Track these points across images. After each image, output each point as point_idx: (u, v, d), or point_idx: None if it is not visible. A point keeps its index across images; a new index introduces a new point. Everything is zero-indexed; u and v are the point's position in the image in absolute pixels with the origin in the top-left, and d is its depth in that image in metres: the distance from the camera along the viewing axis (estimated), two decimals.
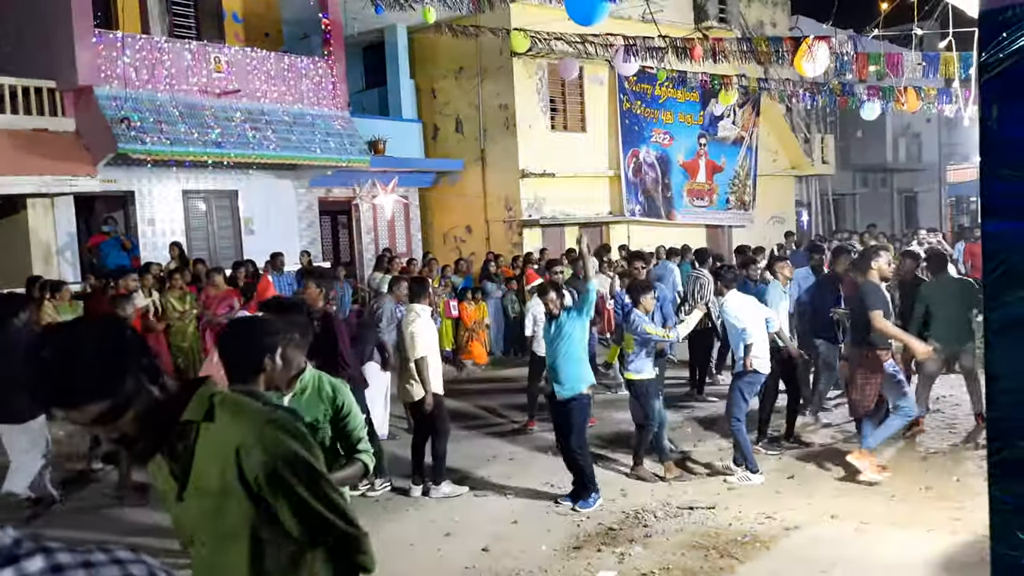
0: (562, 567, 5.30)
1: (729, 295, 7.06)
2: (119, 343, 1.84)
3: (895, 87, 15.01)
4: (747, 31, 20.28)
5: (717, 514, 6.08)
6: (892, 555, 5.17)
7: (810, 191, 26.34)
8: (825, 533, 5.62)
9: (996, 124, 2.13)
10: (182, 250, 12.70)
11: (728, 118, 20.22)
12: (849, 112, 20.13)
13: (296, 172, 14.91)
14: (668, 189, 19.32)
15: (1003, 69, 2.10)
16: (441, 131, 18.15)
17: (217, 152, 12.97)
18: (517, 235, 17.07)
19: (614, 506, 6.34)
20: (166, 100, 12.70)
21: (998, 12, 2.08)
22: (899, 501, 6.15)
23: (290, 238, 14.91)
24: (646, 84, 18.46)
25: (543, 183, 17.15)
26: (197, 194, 14.12)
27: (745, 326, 6.84)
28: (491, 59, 16.68)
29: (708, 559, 5.29)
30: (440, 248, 17.63)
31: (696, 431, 8.47)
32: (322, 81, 14.81)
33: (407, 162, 16.99)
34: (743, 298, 7.12)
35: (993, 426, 2.25)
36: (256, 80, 13.86)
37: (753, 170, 21.10)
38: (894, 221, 31.29)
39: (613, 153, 18.42)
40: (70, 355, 1.75)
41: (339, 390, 3.49)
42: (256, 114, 13.72)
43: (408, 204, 17.46)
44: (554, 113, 17.65)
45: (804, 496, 6.38)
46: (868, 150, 29.59)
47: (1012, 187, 2.09)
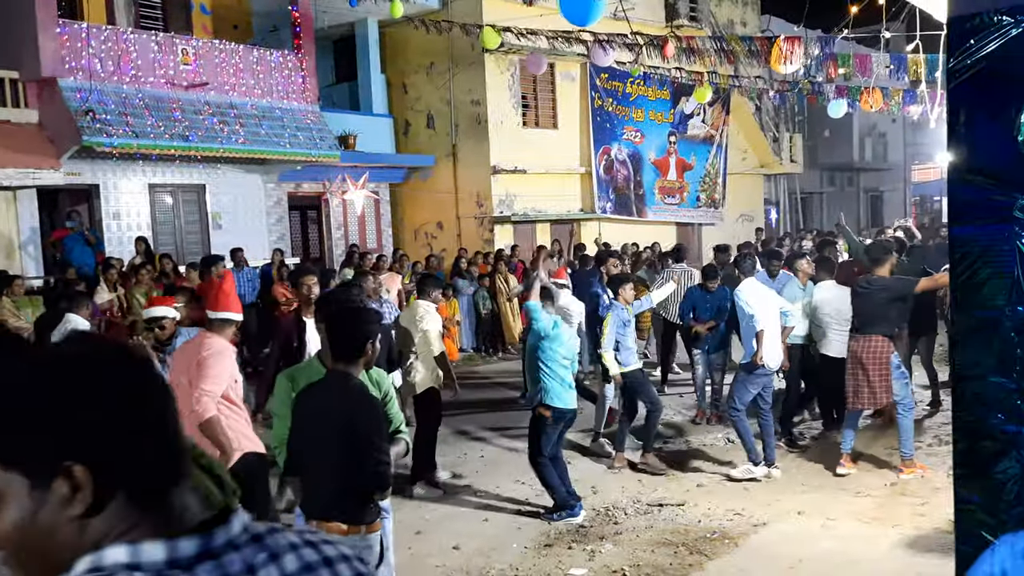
0: (533, 565, 5.30)
1: (745, 281, 7.07)
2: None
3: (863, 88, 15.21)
4: (717, 30, 20.41)
5: (687, 511, 6.13)
6: (857, 551, 5.25)
7: (779, 190, 26.62)
8: (792, 529, 5.68)
9: (964, 129, 2.16)
10: (148, 245, 12.52)
11: (698, 116, 20.37)
12: (817, 112, 20.40)
13: (265, 166, 14.76)
14: (640, 187, 19.40)
15: (971, 75, 2.13)
16: (412, 126, 18.06)
17: (184, 146, 12.79)
18: (488, 232, 17.05)
19: (585, 503, 6.34)
20: (132, 92, 12.50)
21: (966, 19, 2.11)
22: (864, 497, 6.24)
23: (259, 233, 14.76)
24: (617, 81, 18.53)
25: (515, 180, 17.14)
26: (164, 188, 13.92)
27: (754, 312, 6.76)
28: (463, 54, 16.62)
29: (677, 556, 5.33)
30: (411, 244, 17.56)
31: (666, 426, 8.52)
32: (292, 75, 14.66)
33: (378, 157, 16.88)
34: (759, 286, 7.10)
35: (959, 426, 2.29)
36: (224, 73, 13.69)
37: (723, 168, 21.27)
38: (860, 219, 31.71)
39: (585, 150, 18.46)
40: None
41: (384, 377, 3.78)
42: (224, 107, 13.55)
43: (379, 200, 17.37)
44: (526, 109, 17.64)
45: (772, 493, 6.44)
46: (835, 149, 29.97)
47: (980, 193, 2.12)
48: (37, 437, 0.95)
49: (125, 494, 0.98)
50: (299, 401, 3.44)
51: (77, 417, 0.96)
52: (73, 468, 0.95)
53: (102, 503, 0.97)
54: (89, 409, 0.96)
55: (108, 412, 0.97)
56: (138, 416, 0.99)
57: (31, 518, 0.96)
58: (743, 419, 6.83)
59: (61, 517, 0.96)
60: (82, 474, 0.95)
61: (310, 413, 3.33)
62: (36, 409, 0.96)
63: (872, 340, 6.53)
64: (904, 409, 6.58)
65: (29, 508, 0.96)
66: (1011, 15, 2.05)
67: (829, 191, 31.77)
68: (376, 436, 3.28)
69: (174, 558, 0.96)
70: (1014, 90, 2.07)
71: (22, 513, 0.96)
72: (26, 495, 0.96)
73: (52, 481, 0.95)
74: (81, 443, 0.95)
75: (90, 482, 0.95)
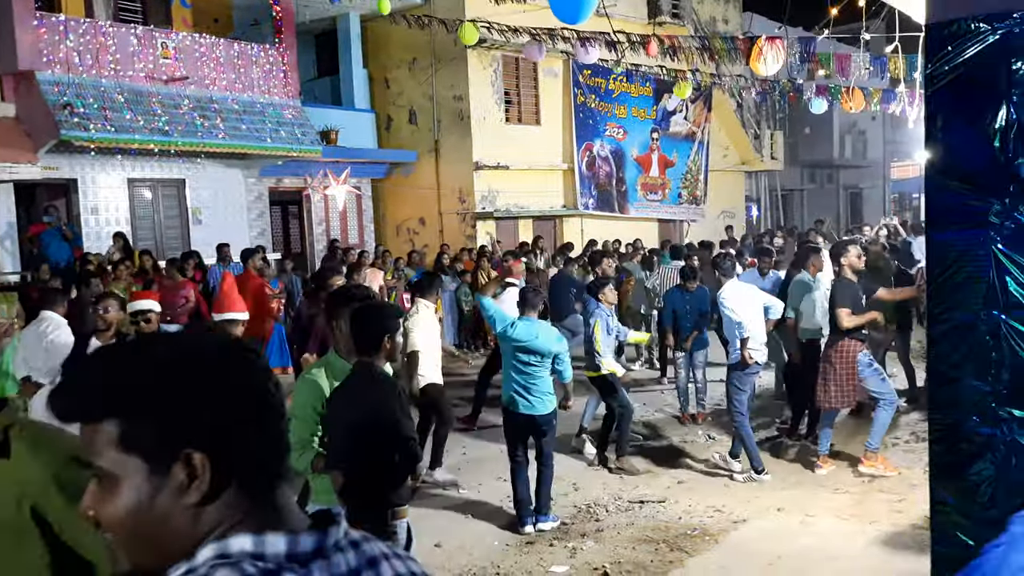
0: (515, 562, 5.32)
1: (727, 284, 6.97)
2: None
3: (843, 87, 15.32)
4: (700, 27, 20.48)
5: (667, 508, 6.17)
6: (835, 547, 5.30)
7: (760, 186, 26.78)
8: (771, 526, 5.73)
9: (941, 134, 2.18)
10: (127, 240, 12.40)
11: (680, 113, 20.44)
12: (798, 109, 20.51)
13: (246, 161, 14.66)
14: (622, 183, 19.45)
15: (948, 81, 2.15)
16: (394, 122, 18.00)
17: (164, 140, 12.68)
18: (471, 227, 17.03)
19: (566, 500, 6.38)
20: (111, 86, 12.37)
21: (943, 25, 2.13)
22: (842, 493, 6.30)
23: (239, 228, 14.66)
24: (600, 78, 18.55)
25: (497, 176, 17.13)
26: (143, 183, 13.80)
27: (741, 319, 6.70)
28: (445, 50, 16.57)
29: (658, 552, 5.36)
30: (393, 240, 17.51)
31: (648, 423, 8.56)
32: (273, 69, 14.57)
33: (360, 152, 16.82)
34: (741, 288, 7.06)
35: (934, 428, 2.32)
36: (205, 67, 13.57)
37: (704, 165, 21.36)
38: (840, 216, 31.96)
39: (567, 146, 18.47)
40: None
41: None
42: (205, 102, 13.44)
43: (360, 195, 17.30)
44: (508, 105, 17.63)
45: (752, 490, 6.50)
46: (816, 147, 30.18)
47: (956, 198, 2.15)
48: (161, 423, 0.98)
49: (238, 485, 1.00)
50: (334, 396, 3.59)
51: (200, 405, 0.98)
52: (193, 455, 0.97)
53: (217, 493, 0.99)
54: (212, 399, 0.99)
55: (229, 403, 1.00)
56: (256, 409, 1.02)
57: (147, 503, 0.98)
58: (747, 425, 6.75)
59: (177, 504, 0.98)
60: (201, 462, 0.97)
61: (344, 406, 3.50)
62: (161, 395, 0.98)
63: (841, 341, 6.60)
64: (886, 404, 6.59)
65: (147, 493, 0.98)
66: (988, 22, 2.08)
67: (810, 188, 32.00)
68: (405, 419, 3.50)
69: (294, 552, 0.98)
70: (990, 96, 2.09)
71: (138, 498, 0.98)
72: (144, 480, 0.98)
73: (171, 467, 0.97)
74: (201, 431, 0.98)
75: (208, 470, 0.97)
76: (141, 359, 1.02)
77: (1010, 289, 2.09)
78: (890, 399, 6.62)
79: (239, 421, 1.00)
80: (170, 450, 0.97)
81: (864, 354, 6.60)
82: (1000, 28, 2.07)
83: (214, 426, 0.98)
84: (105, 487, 0.99)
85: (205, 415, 0.98)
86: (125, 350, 1.08)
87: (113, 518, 0.99)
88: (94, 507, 1.00)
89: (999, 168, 2.09)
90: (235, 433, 0.99)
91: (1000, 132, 2.08)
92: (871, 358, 6.72)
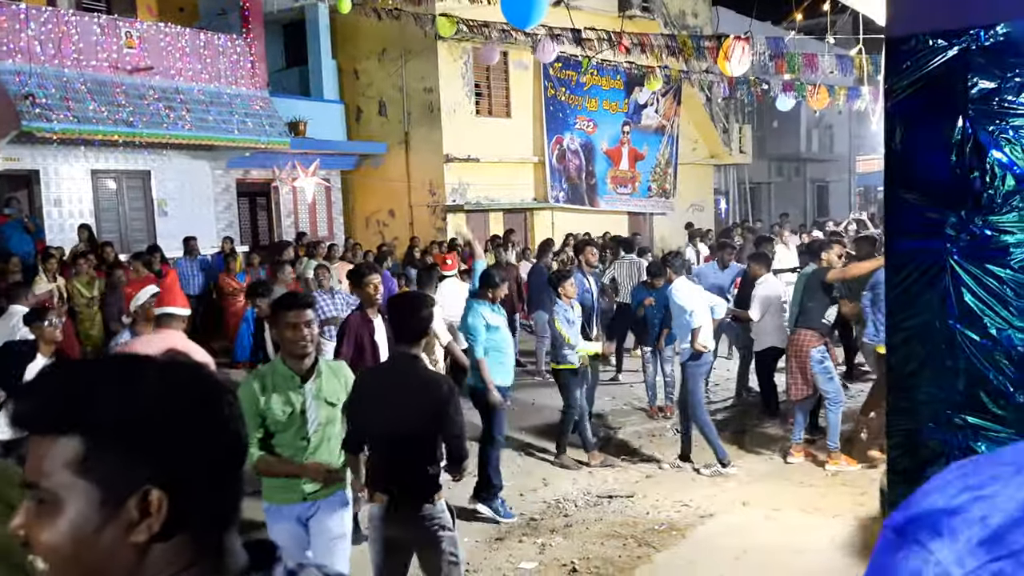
0: (484, 559, 5.34)
1: (677, 280, 7.21)
2: None
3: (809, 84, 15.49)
4: (669, 20, 20.55)
5: (635, 502, 6.23)
6: (800, 540, 5.39)
7: (728, 180, 26.99)
8: (737, 520, 5.82)
9: (900, 147, 2.23)
10: (91, 232, 12.21)
11: (651, 106, 20.50)
12: (766, 103, 20.66)
13: (213, 153, 14.48)
14: (592, 176, 19.50)
15: (908, 95, 2.19)
16: (364, 113, 17.88)
17: (128, 131, 12.48)
18: (441, 220, 17.00)
19: (536, 496, 6.43)
20: (74, 76, 12.15)
21: (902, 40, 2.17)
22: (807, 487, 6.41)
23: (206, 221, 14.49)
24: (571, 71, 18.55)
25: (467, 168, 17.10)
26: (107, 174, 13.57)
27: (692, 309, 6.90)
28: (415, 41, 16.47)
29: (626, 548, 5.42)
30: (362, 232, 17.42)
31: (616, 416, 8.63)
32: (240, 59, 14.38)
33: (329, 144, 16.68)
34: (691, 284, 7.32)
35: (892, 433, 2.37)
36: (170, 57, 13.37)
37: (674, 158, 21.48)
38: (807, 209, 32.35)
39: (538, 139, 18.48)
40: None
41: (348, 373, 3.90)
42: (170, 92, 13.25)
43: (330, 187, 17.17)
44: (479, 98, 17.58)
45: (718, 483, 6.59)
46: (783, 141, 30.48)
47: (915, 209, 2.19)
48: (128, 451, 0.92)
49: (191, 530, 0.95)
50: (363, 383, 3.73)
51: (174, 442, 0.93)
52: (152, 492, 0.92)
53: (169, 534, 0.93)
54: (188, 437, 0.94)
55: (204, 444, 0.95)
56: (227, 454, 0.98)
57: (91, 535, 0.91)
58: (708, 421, 6.89)
59: (122, 540, 0.92)
60: (158, 500, 0.92)
61: (381, 394, 3.63)
62: (138, 423, 0.92)
63: (798, 333, 6.86)
64: (832, 404, 6.78)
65: (93, 524, 0.92)
66: (946, 38, 2.12)
67: (777, 181, 32.33)
68: (454, 408, 3.59)
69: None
70: (948, 111, 2.14)
71: (83, 527, 0.91)
72: (92, 509, 0.92)
73: (126, 501, 0.92)
74: (168, 468, 0.93)
75: (164, 510, 0.92)
76: (127, 379, 0.95)
77: (965, 299, 2.15)
78: (836, 398, 6.81)
79: (207, 464, 0.96)
80: (130, 482, 0.92)
81: (817, 350, 6.77)
82: (957, 44, 2.11)
83: (182, 466, 0.93)
84: (46, 510, 0.92)
85: (176, 453, 0.93)
86: (111, 365, 1.00)
87: (49, 544, 0.92)
88: (28, 528, 0.93)
89: (956, 181, 2.14)
90: (200, 476, 0.95)
91: (956, 146, 2.13)
92: (824, 355, 6.85)
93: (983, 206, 2.11)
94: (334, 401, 3.73)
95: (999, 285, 2.10)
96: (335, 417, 3.75)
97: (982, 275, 2.11)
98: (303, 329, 3.61)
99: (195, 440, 0.95)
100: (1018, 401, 2.10)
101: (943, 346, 2.20)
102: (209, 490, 0.97)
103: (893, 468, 2.34)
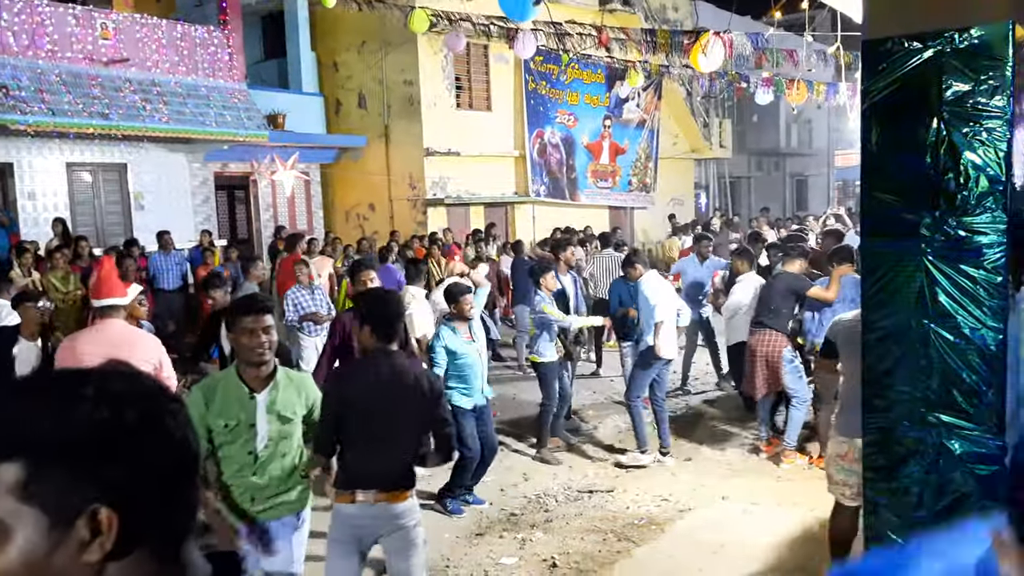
0: (464, 554, 5.35)
1: (647, 274, 7.27)
2: None
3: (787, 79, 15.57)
4: (650, 14, 20.58)
5: (615, 497, 6.26)
6: (779, 534, 5.44)
7: (708, 174, 27.11)
8: (716, 514, 5.86)
9: (876, 148, 2.24)
10: (66, 226, 12.06)
11: (633, 100, 20.53)
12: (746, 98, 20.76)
13: (190, 146, 14.34)
14: (572, 170, 19.51)
15: (884, 96, 2.21)
16: (343, 106, 17.77)
17: (104, 124, 12.34)
18: (421, 214, 16.94)
19: (516, 491, 6.44)
20: (48, 68, 11.98)
21: (879, 43, 2.19)
22: (785, 481, 6.47)
23: (184, 214, 14.37)
24: (552, 64, 18.53)
25: (448, 162, 17.05)
26: (83, 167, 13.42)
27: (657, 302, 6.92)
28: (395, 34, 16.36)
29: (606, 542, 5.44)
30: (342, 226, 17.33)
31: (596, 410, 8.66)
32: (218, 51, 14.25)
33: (308, 137, 16.58)
34: (660, 280, 7.34)
35: (868, 431, 2.40)
36: (147, 49, 13.22)
37: (654, 153, 21.54)
38: (786, 203, 32.55)
39: (518, 133, 18.45)
40: None
41: (312, 387, 3.70)
42: (147, 85, 13.10)
43: (309, 181, 17.06)
44: (459, 91, 17.51)
45: (698, 478, 6.63)
46: (763, 135, 30.64)
47: (891, 210, 2.21)
48: (71, 473, 0.90)
49: (146, 547, 0.94)
50: (339, 382, 3.63)
51: (118, 459, 0.91)
52: (100, 511, 0.90)
53: (121, 553, 0.91)
54: (131, 453, 0.92)
55: (149, 458, 0.93)
56: (175, 466, 0.96)
57: (43, 559, 0.89)
58: (639, 408, 7.05)
59: (75, 562, 0.90)
60: (108, 519, 0.90)
61: (362, 392, 3.50)
62: (78, 443, 0.90)
63: (767, 333, 6.90)
64: (799, 402, 6.88)
65: (43, 548, 0.90)
66: (921, 40, 2.14)
67: (757, 175, 32.51)
68: (439, 398, 3.60)
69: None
70: (923, 113, 2.16)
71: (34, 551, 0.89)
72: (41, 534, 0.89)
73: (74, 522, 0.90)
74: (114, 486, 0.91)
75: (115, 529, 0.90)
76: (63, 399, 0.92)
77: (939, 299, 2.17)
78: (803, 397, 6.90)
79: (156, 478, 0.93)
80: (76, 504, 0.89)
81: (788, 350, 6.89)
82: (932, 46, 2.13)
83: (129, 482, 0.91)
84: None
85: (121, 469, 0.91)
86: (47, 386, 0.97)
87: (1, 571, 0.89)
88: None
89: (930, 182, 2.16)
90: (150, 491, 0.93)
91: (931, 147, 2.15)
92: (794, 355, 6.97)
93: (957, 207, 2.13)
94: (289, 416, 3.50)
95: (972, 285, 2.12)
96: (290, 433, 3.53)
97: (956, 275, 2.13)
98: (261, 336, 3.37)
99: (139, 454, 0.93)
100: (990, 400, 2.12)
101: (918, 345, 2.22)
102: (161, 503, 0.95)
103: (868, 466, 2.37)
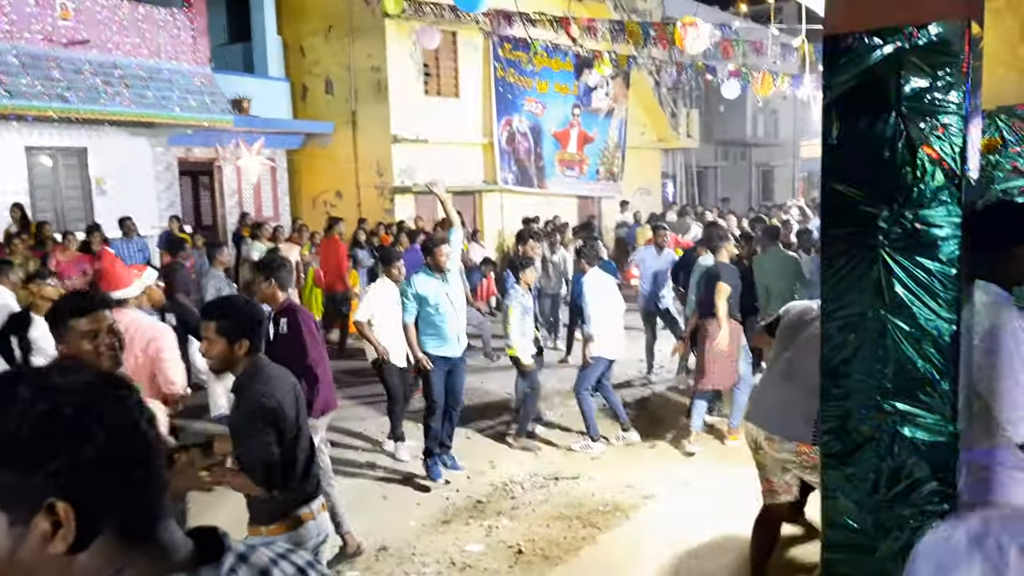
0: (431, 541, 5.37)
1: (590, 272, 7.24)
2: None
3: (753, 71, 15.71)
4: (619, 3, 20.60)
5: (581, 484, 6.32)
6: (743, 521, 5.51)
7: (675, 164, 27.29)
8: (681, 501, 5.94)
9: (836, 142, 2.28)
10: (24, 212, 11.83)
11: (601, 89, 20.56)
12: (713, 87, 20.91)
13: (153, 130, 14.10)
14: (540, 158, 19.52)
15: (844, 91, 2.25)
16: (310, 91, 17.59)
17: (63, 107, 12.08)
18: (389, 202, 16.85)
19: (483, 478, 6.47)
20: (6, 49, 11.70)
21: (839, 38, 2.22)
22: (751, 467, 6.54)
23: (146, 200, 14.15)
24: (521, 52, 18.49)
25: (416, 149, 16.96)
26: (42, 151, 13.14)
27: (591, 299, 6.98)
28: (363, 18, 16.24)
29: (571, 529, 5.49)
30: (309, 213, 17.19)
31: (564, 400, 8.71)
32: (181, 33, 14.02)
33: (273, 123, 16.39)
34: (601, 278, 7.26)
35: (825, 419, 2.45)
36: (108, 30, 12.96)
37: (622, 142, 21.61)
38: (752, 193, 32.91)
39: (487, 121, 18.41)
40: None
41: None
42: (108, 67, 12.86)
43: (275, 167, 16.88)
44: (427, 78, 17.42)
45: (663, 464, 6.71)
46: (729, 125, 30.90)
47: (849, 203, 2.26)
48: (20, 472, 0.92)
49: (113, 531, 0.96)
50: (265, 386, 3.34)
51: (62, 451, 0.92)
52: (56, 504, 0.92)
53: (86, 541, 0.94)
54: (75, 444, 0.93)
55: (94, 447, 0.94)
56: (125, 450, 0.97)
57: (7, 557, 0.92)
58: (588, 399, 7.13)
59: (42, 555, 0.93)
60: (64, 511, 0.92)
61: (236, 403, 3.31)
62: (20, 443, 0.92)
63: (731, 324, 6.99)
64: (745, 385, 7.07)
65: (6, 547, 0.92)
66: (881, 36, 2.18)
67: (723, 165, 32.80)
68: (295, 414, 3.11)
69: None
70: (881, 108, 2.20)
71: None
72: (3, 531, 0.92)
73: (32, 518, 0.92)
74: (64, 479, 0.92)
75: (73, 519, 0.92)
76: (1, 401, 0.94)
77: (896, 290, 2.22)
78: (748, 380, 7.14)
79: (105, 465, 0.94)
80: (30, 501, 0.92)
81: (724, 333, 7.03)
82: (891, 42, 2.17)
83: (77, 472, 0.93)
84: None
85: (67, 461, 0.92)
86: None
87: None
88: None
89: (888, 176, 2.21)
90: (101, 478, 0.94)
91: (889, 142, 2.20)
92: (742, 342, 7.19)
93: (914, 200, 2.18)
94: None
95: (928, 277, 2.17)
96: None
97: (912, 267, 2.18)
98: (103, 337, 2.94)
99: (84, 445, 0.94)
100: (943, 388, 2.18)
101: (875, 335, 2.27)
102: (121, 488, 0.96)
103: (826, 453, 2.42)
